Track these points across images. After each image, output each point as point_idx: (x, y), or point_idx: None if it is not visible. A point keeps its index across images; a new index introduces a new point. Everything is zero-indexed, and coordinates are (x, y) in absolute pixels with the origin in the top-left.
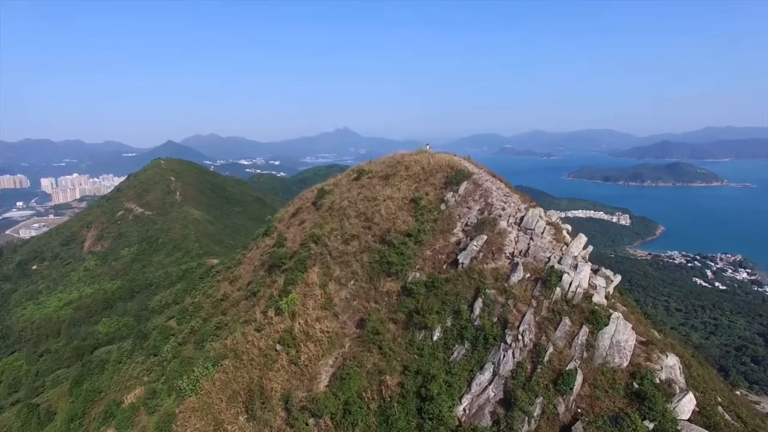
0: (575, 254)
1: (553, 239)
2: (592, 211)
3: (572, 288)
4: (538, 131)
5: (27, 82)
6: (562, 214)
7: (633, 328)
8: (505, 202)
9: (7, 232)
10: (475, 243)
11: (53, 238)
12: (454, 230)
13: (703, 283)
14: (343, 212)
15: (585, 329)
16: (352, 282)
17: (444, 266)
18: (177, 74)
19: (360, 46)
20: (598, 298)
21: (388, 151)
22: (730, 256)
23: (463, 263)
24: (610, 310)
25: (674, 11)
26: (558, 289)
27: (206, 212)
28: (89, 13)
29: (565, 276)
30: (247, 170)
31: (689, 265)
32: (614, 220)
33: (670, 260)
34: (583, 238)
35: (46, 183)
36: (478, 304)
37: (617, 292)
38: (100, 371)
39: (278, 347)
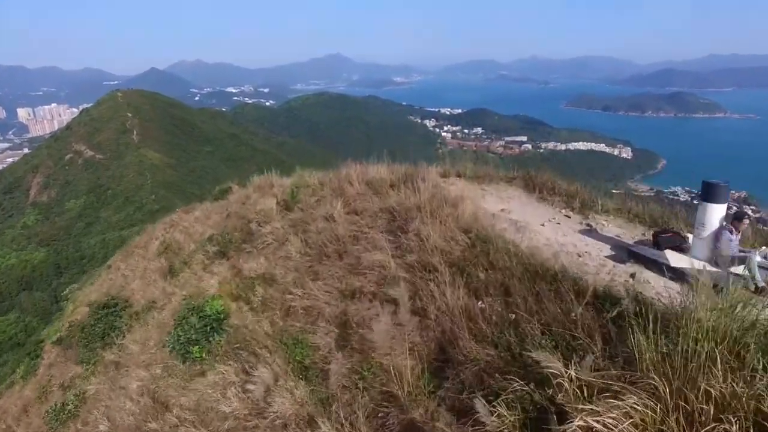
0: None
1: None
2: (593, 144)
3: None
4: (535, 57)
5: None
6: (563, 147)
7: None
8: None
9: None
10: None
11: None
12: None
13: None
14: None
15: None
16: None
17: None
18: None
19: None
20: None
21: (383, 78)
22: (734, 192)
23: None
24: None
25: None
26: None
27: (168, 154)
28: None
29: None
30: (235, 98)
31: (694, 202)
32: (615, 153)
33: (674, 197)
34: None
35: (23, 113)
36: None
37: None
38: None
39: None
